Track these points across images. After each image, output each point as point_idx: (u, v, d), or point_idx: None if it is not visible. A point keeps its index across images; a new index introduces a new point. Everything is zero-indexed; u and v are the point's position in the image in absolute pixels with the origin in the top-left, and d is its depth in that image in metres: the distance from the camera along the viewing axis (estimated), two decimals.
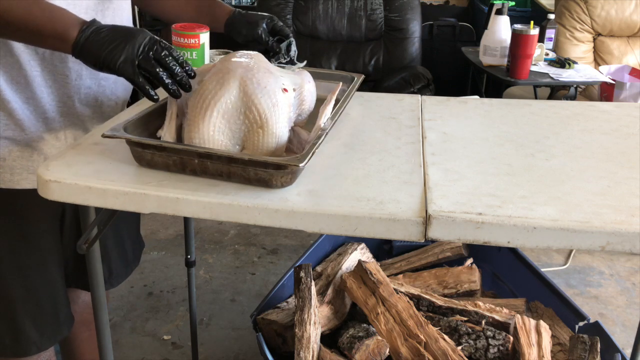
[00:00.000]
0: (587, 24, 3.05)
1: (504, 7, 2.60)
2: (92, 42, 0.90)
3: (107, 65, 0.89)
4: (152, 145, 0.88)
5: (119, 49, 0.88)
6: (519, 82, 2.53)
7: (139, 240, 1.47)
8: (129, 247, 1.41)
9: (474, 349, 1.46)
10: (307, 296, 1.48)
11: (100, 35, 0.90)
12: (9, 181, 1.08)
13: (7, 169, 1.08)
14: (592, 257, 2.60)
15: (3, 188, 1.09)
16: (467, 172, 0.94)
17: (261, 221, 0.82)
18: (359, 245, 1.83)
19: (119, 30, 0.91)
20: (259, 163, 0.84)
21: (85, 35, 0.90)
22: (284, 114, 0.92)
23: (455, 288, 1.75)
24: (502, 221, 0.79)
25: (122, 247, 1.39)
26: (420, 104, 1.26)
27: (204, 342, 2.01)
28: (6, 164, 1.08)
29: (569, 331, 1.62)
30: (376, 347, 1.42)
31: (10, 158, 1.08)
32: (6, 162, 1.08)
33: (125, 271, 1.41)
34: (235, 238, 2.70)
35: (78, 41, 0.90)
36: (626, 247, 0.79)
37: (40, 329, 1.21)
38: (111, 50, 0.88)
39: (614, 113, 1.25)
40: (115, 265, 1.36)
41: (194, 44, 1.11)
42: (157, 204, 0.84)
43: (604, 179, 0.93)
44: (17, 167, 1.08)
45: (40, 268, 1.18)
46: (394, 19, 3.27)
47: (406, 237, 0.81)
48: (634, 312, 2.24)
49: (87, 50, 0.90)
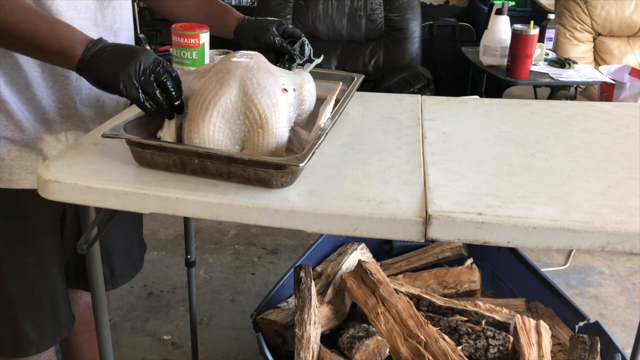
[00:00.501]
0: (587, 24, 3.05)
1: (504, 7, 2.60)
2: (96, 61, 0.90)
3: (110, 85, 0.89)
4: (152, 145, 0.88)
5: (121, 69, 0.88)
6: (519, 82, 2.53)
7: (142, 242, 1.47)
8: (135, 248, 1.42)
9: (474, 349, 1.46)
10: (307, 296, 1.48)
11: (104, 54, 0.90)
12: (7, 181, 1.08)
13: (5, 168, 1.08)
14: (592, 257, 2.60)
15: (2, 188, 1.09)
16: (467, 172, 0.94)
17: (261, 221, 0.82)
18: (359, 245, 1.83)
19: (122, 50, 0.91)
20: (259, 163, 0.84)
21: (90, 53, 0.90)
22: (284, 114, 0.92)
23: (455, 288, 1.75)
24: (502, 221, 0.79)
25: (128, 248, 1.39)
26: (420, 104, 1.26)
27: (204, 342, 2.01)
28: (5, 163, 1.08)
29: (569, 331, 1.62)
30: (376, 347, 1.42)
31: (9, 158, 1.08)
32: (5, 161, 1.08)
33: (129, 273, 1.41)
34: (235, 238, 2.70)
35: (82, 59, 0.90)
36: (626, 247, 0.79)
37: (40, 330, 1.21)
38: (114, 70, 0.88)
39: (614, 113, 1.25)
40: (120, 266, 1.37)
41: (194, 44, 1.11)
42: (157, 204, 0.84)
43: (604, 179, 0.93)
44: (16, 167, 1.08)
45: (40, 268, 1.18)
46: (394, 19, 3.27)
47: (406, 237, 0.81)
48: (634, 312, 2.24)
49: (90, 69, 0.90)
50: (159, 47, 3.59)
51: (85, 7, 1.07)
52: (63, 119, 1.11)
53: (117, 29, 1.15)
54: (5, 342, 1.19)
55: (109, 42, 0.93)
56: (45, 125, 1.09)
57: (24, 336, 1.19)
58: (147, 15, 4.09)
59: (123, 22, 1.17)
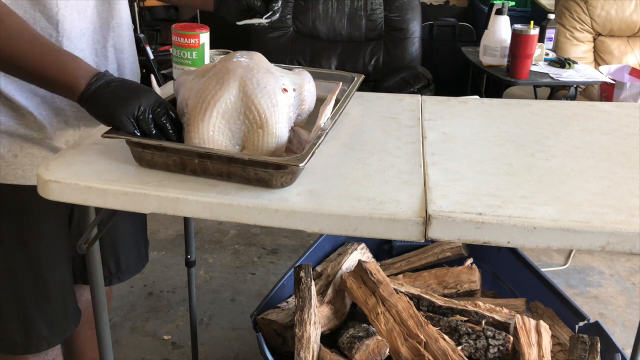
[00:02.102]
0: (587, 24, 3.05)
1: (504, 7, 2.60)
2: (97, 96, 0.90)
3: (108, 121, 0.90)
4: (152, 145, 0.88)
5: (121, 107, 0.88)
6: (519, 82, 2.53)
7: (146, 237, 1.48)
8: (142, 243, 1.43)
9: (474, 349, 1.46)
10: (307, 296, 1.48)
11: (107, 90, 0.90)
12: (21, 177, 1.10)
13: (19, 165, 1.09)
14: (592, 257, 2.60)
15: (15, 184, 1.10)
16: (467, 172, 0.94)
17: (261, 221, 0.82)
18: (359, 245, 1.83)
19: (125, 88, 0.91)
20: (259, 163, 0.84)
21: (92, 89, 0.90)
22: (284, 114, 0.92)
23: (455, 288, 1.75)
24: (502, 221, 0.79)
25: (136, 241, 1.41)
26: (420, 104, 1.26)
27: (204, 342, 2.01)
28: (17, 160, 1.09)
29: (569, 331, 1.62)
30: (376, 347, 1.42)
31: (22, 154, 1.09)
32: (17, 158, 1.09)
33: (136, 267, 1.42)
34: (235, 238, 2.70)
35: (84, 94, 0.91)
36: (626, 247, 0.79)
37: (51, 325, 1.22)
38: (113, 108, 0.89)
39: (614, 113, 1.25)
40: (126, 260, 1.38)
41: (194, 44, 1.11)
42: (157, 204, 0.84)
43: (604, 179, 0.93)
44: (28, 164, 1.09)
45: (51, 264, 1.19)
46: (394, 19, 3.27)
47: (406, 237, 0.81)
48: (634, 312, 2.24)
49: (91, 104, 0.91)
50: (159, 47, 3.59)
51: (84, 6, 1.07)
52: (77, 120, 1.12)
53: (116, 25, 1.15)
54: (16, 339, 1.19)
55: (113, 77, 0.93)
56: (59, 124, 1.10)
57: (35, 331, 1.20)
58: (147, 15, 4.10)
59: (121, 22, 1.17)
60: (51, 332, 1.22)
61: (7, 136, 1.07)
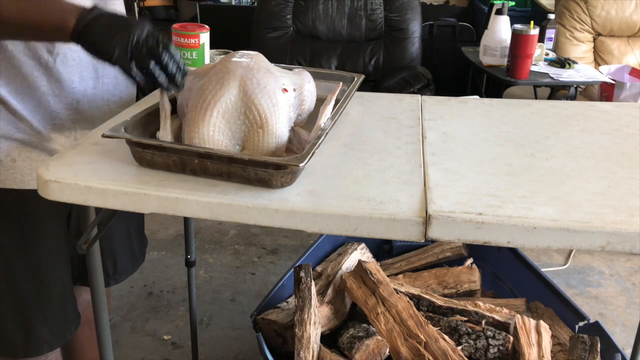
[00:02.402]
0: (587, 24, 3.05)
1: (504, 7, 2.60)
2: (91, 29, 0.88)
3: (103, 54, 0.88)
4: (152, 145, 0.88)
5: (115, 38, 0.86)
6: (519, 82, 2.53)
7: (144, 236, 1.48)
8: (136, 243, 1.42)
9: (474, 349, 1.46)
10: (307, 296, 1.48)
11: (99, 23, 0.88)
12: (20, 182, 1.09)
13: (17, 169, 1.09)
14: (592, 257, 2.60)
15: (15, 189, 1.10)
16: (467, 172, 0.94)
17: (261, 221, 0.82)
18: (359, 245, 1.83)
19: (118, 20, 0.89)
20: (259, 163, 0.84)
21: (84, 22, 0.88)
22: (284, 114, 0.92)
23: (455, 288, 1.75)
24: (502, 221, 0.79)
25: (129, 242, 1.40)
26: (420, 104, 1.26)
27: (204, 342, 2.01)
28: (17, 164, 1.09)
29: (569, 331, 1.62)
30: (376, 347, 1.42)
31: (20, 159, 1.09)
32: (16, 163, 1.09)
33: (131, 267, 1.42)
34: (235, 238, 2.70)
35: (76, 28, 0.88)
36: (626, 247, 0.79)
37: (51, 327, 1.21)
38: (107, 39, 0.87)
39: (614, 113, 1.25)
40: (122, 261, 1.37)
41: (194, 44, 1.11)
42: (157, 204, 0.84)
43: (604, 179, 0.93)
44: (27, 168, 1.09)
45: (50, 266, 1.19)
46: (394, 19, 3.27)
47: (406, 237, 0.81)
48: (634, 312, 2.24)
49: (84, 37, 0.89)
50: None
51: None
52: (73, 123, 1.12)
53: None
54: (17, 342, 1.19)
55: (103, 11, 0.91)
56: (56, 128, 1.10)
57: (35, 334, 1.19)
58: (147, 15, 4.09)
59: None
60: (52, 335, 1.21)
61: (5, 140, 1.07)
